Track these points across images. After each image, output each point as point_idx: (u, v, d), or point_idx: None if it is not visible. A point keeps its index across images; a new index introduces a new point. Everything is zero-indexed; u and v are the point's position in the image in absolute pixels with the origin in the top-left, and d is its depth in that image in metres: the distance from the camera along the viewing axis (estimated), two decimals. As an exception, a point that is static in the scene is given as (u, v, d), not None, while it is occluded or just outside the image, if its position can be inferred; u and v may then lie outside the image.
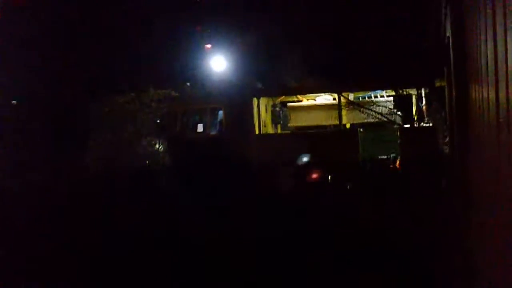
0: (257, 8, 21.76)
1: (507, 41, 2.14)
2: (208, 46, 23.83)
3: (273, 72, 21.08)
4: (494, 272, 2.84)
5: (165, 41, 24.83)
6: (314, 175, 16.64)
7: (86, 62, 23.67)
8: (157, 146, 25.41)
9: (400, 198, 11.41)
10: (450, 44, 6.05)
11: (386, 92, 19.81)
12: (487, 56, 2.85)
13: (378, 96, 20.44)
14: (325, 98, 21.06)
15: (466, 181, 5.08)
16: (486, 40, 2.87)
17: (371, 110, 19.28)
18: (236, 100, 20.94)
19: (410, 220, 9.37)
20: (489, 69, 2.78)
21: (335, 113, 19.91)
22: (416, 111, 19.33)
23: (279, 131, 22.48)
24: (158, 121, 24.76)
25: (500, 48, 2.34)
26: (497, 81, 2.48)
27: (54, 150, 22.13)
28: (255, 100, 20.99)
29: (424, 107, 19.18)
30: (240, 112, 20.91)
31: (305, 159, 17.87)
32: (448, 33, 6.29)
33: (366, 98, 20.82)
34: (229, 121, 21.02)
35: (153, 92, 24.26)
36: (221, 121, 21.73)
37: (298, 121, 21.38)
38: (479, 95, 3.55)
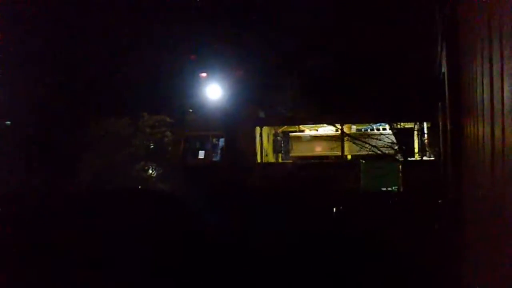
0: (257, 37, 21.85)
1: (503, 78, 2.14)
2: (204, 75, 23.93)
3: (276, 102, 21.09)
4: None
5: (161, 69, 24.94)
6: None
7: (81, 86, 23.72)
8: (150, 171, 25.35)
9: (394, 232, 11.32)
10: (446, 80, 6.08)
11: (388, 125, 19.86)
12: (482, 92, 2.85)
13: (381, 129, 20.50)
14: (327, 129, 21.10)
15: (460, 218, 5.06)
16: (482, 77, 2.87)
17: (369, 144, 19.25)
18: (238, 128, 20.95)
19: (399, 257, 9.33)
20: (484, 105, 2.77)
21: (336, 144, 19.89)
22: (418, 144, 19.40)
23: (279, 160, 22.46)
24: (152, 146, 24.74)
25: (496, 85, 2.33)
26: (492, 117, 2.47)
27: (44, 172, 22.05)
28: (257, 129, 21.04)
29: (426, 140, 19.24)
30: (242, 140, 20.92)
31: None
32: (444, 69, 6.33)
33: (369, 130, 20.91)
34: (230, 148, 21.01)
35: (148, 117, 24.28)
36: (222, 148, 21.72)
37: (299, 151, 21.39)
38: (473, 131, 3.54)
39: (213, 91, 23.21)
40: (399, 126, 18.80)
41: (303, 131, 21.99)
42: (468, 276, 4.24)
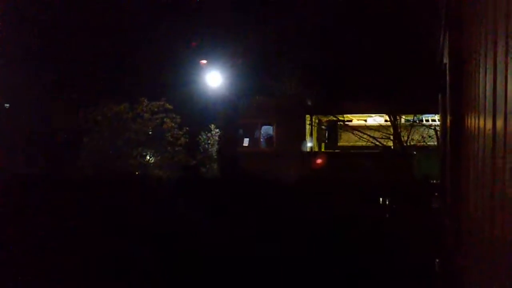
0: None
1: (507, 70, 2.10)
2: (204, 61, 23.88)
3: (326, 91, 20.74)
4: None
5: (162, 55, 24.87)
6: None
7: (81, 70, 23.68)
8: (148, 157, 25.37)
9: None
10: (447, 71, 6.02)
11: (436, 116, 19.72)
12: (485, 85, 2.81)
13: (430, 120, 20.35)
14: (377, 119, 20.90)
15: (458, 213, 5.03)
16: (485, 68, 2.83)
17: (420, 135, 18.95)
18: (288, 116, 20.78)
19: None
20: (487, 97, 2.74)
21: (386, 133, 19.71)
22: None
23: (322, 149, 22.32)
24: (150, 132, 24.75)
25: (500, 77, 2.30)
26: (494, 109, 2.43)
27: (42, 156, 22.05)
28: (307, 117, 20.91)
29: None
30: (292, 128, 20.78)
31: None
32: (445, 60, 6.28)
33: (417, 121, 20.75)
34: (280, 136, 20.90)
35: (147, 103, 24.26)
36: (270, 136, 21.61)
37: (348, 140, 21.25)
38: (474, 123, 3.51)
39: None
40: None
41: (350, 120, 21.81)
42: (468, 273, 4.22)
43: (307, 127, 21.12)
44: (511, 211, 2.00)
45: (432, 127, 19.63)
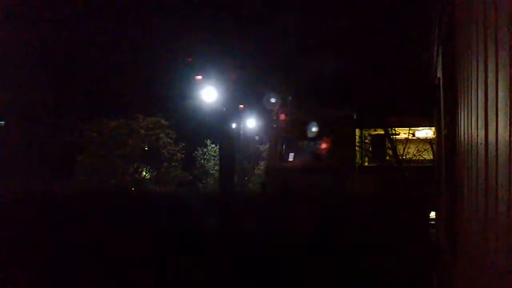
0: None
1: (498, 83, 2.15)
2: (199, 77, 23.91)
3: (370, 103, 20.53)
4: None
5: (157, 71, 24.93)
6: None
7: (76, 87, 23.72)
8: (144, 173, 25.36)
9: None
10: (441, 84, 6.08)
11: None
12: (477, 97, 2.86)
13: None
14: (425, 132, 20.83)
15: (453, 225, 5.06)
16: (477, 82, 2.88)
17: None
18: (335, 130, 20.69)
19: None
20: (479, 110, 2.78)
21: (423, 148, 19.64)
22: None
23: (366, 164, 22.18)
24: (146, 148, 24.78)
25: (491, 89, 2.34)
26: (486, 122, 2.47)
27: (39, 172, 21.98)
28: (357, 131, 20.85)
29: None
30: (339, 143, 20.67)
31: None
32: (439, 74, 6.34)
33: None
34: (329, 151, 20.79)
35: (142, 119, 24.29)
36: (319, 150, 21.53)
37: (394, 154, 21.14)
38: (467, 135, 3.55)
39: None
40: None
41: (398, 134, 21.66)
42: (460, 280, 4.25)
43: (357, 140, 21.09)
44: (504, 226, 2.03)
45: (428, 141, 19.65)
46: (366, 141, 22.36)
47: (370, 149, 22.29)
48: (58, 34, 23.56)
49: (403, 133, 21.59)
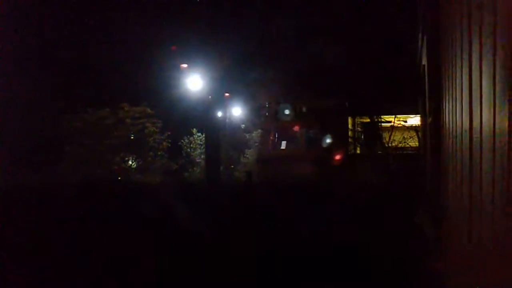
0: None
1: (481, 70, 2.16)
2: (184, 65, 23.82)
3: (364, 92, 20.51)
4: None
5: (142, 59, 24.78)
6: None
7: (61, 75, 23.54)
8: (130, 162, 25.27)
9: None
10: (426, 73, 6.11)
11: None
12: (461, 85, 2.87)
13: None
14: (416, 120, 20.86)
15: (438, 212, 5.10)
16: (461, 69, 2.89)
17: None
18: (328, 118, 20.68)
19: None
20: (463, 97, 2.80)
21: (410, 135, 19.73)
22: None
23: (358, 151, 22.25)
24: (132, 137, 24.70)
25: (475, 77, 2.35)
26: (471, 111, 2.49)
27: (25, 162, 21.85)
28: (349, 119, 20.84)
29: None
30: (332, 131, 20.69)
31: None
32: (424, 62, 6.37)
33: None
34: (322, 139, 20.82)
35: (128, 108, 24.18)
36: (312, 138, 21.53)
37: (394, 141, 21.18)
38: (452, 123, 3.57)
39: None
40: None
41: (390, 122, 21.70)
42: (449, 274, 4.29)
43: (350, 128, 21.14)
44: (488, 213, 2.05)
45: (413, 128, 19.77)
46: (358, 129, 22.47)
47: (362, 136, 22.41)
48: (38, 23, 23.35)
49: (397, 122, 21.71)
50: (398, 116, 21.34)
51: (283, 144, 22.39)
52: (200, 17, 22.18)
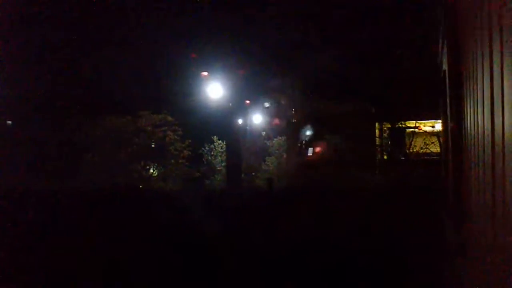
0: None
1: (503, 74, 2.12)
2: (205, 73, 23.91)
3: (389, 98, 20.35)
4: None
5: (163, 68, 24.90)
6: None
7: (82, 83, 23.74)
8: (152, 171, 25.39)
9: None
10: (446, 77, 6.05)
11: None
12: (483, 89, 2.83)
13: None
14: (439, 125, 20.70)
15: (460, 217, 5.03)
16: (482, 73, 2.85)
17: None
18: (356, 124, 20.56)
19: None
20: (484, 102, 2.75)
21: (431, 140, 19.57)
22: None
23: (384, 157, 22.10)
24: (153, 145, 24.81)
25: (496, 81, 2.31)
26: (492, 113, 2.45)
27: (47, 170, 22.05)
28: (377, 125, 20.70)
29: None
30: (359, 137, 20.57)
31: None
32: (445, 67, 6.31)
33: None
34: (349, 145, 20.73)
35: (149, 116, 24.32)
36: (338, 145, 21.49)
37: (414, 148, 21.04)
38: (473, 128, 3.52)
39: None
40: None
41: (417, 127, 21.52)
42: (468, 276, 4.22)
43: (377, 134, 20.96)
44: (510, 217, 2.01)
45: (435, 134, 19.59)
46: (385, 135, 22.27)
47: (389, 142, 22.19)
48: (62, 32, 23.59)
49: (423, 126, 21.46)
50: (422, 121, 21.14)
51: (310, 151, 22.31)
52: (221, 25, 22.27)
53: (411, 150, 20.32)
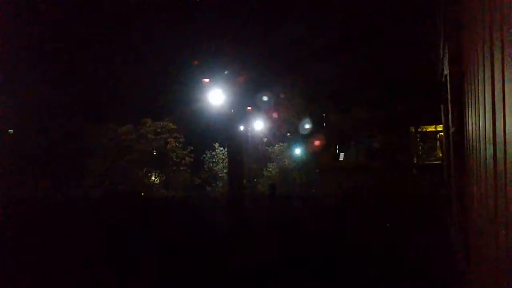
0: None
1: (504, 78, 2.11)
2: (206, 80, 23.90)
3: (418, 102, 20.24)
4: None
5: (164, 76, 24.92)
6: None
7: (85, 91, 23.77)
8: (153, 178, 25.38)
9: None
10: (448, 82, 6.04)
11: None
12: (484, 94, 2.82)
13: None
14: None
15: (464, 223, 5.01)
16: (483, 78, 2.84)
17: None
18: (392, 127, 20.37)
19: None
20: (486, 107, 2.74)
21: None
22: None
23: (414, 161, 21.89)
24: (155, 153, 24.81)
25: (497, 87, 2.31)
26: (494, 118, 2.44)
27: (50, 177, 22.05)
28: (411, 128, 20.53)
29: None
30: (396, 141, 20.36)
31: None
32: (446, 71, 6.30)
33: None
34: (384, 149, 20.53)
35: (151, 123, 24.33)
36: (374, 149, 21.32)
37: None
38: (475, 132, 3.51)
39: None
40: None
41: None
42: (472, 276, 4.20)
43: (414, 138, 20.82)
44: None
45: (437, 139, 19.52)
46: (418, 139, 22.09)
47: (420, 147, 21.97)
48: (67, 40, 23.65)
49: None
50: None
51: (341, 156, 22.23)
52: (222, 32, 22.29)
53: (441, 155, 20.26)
